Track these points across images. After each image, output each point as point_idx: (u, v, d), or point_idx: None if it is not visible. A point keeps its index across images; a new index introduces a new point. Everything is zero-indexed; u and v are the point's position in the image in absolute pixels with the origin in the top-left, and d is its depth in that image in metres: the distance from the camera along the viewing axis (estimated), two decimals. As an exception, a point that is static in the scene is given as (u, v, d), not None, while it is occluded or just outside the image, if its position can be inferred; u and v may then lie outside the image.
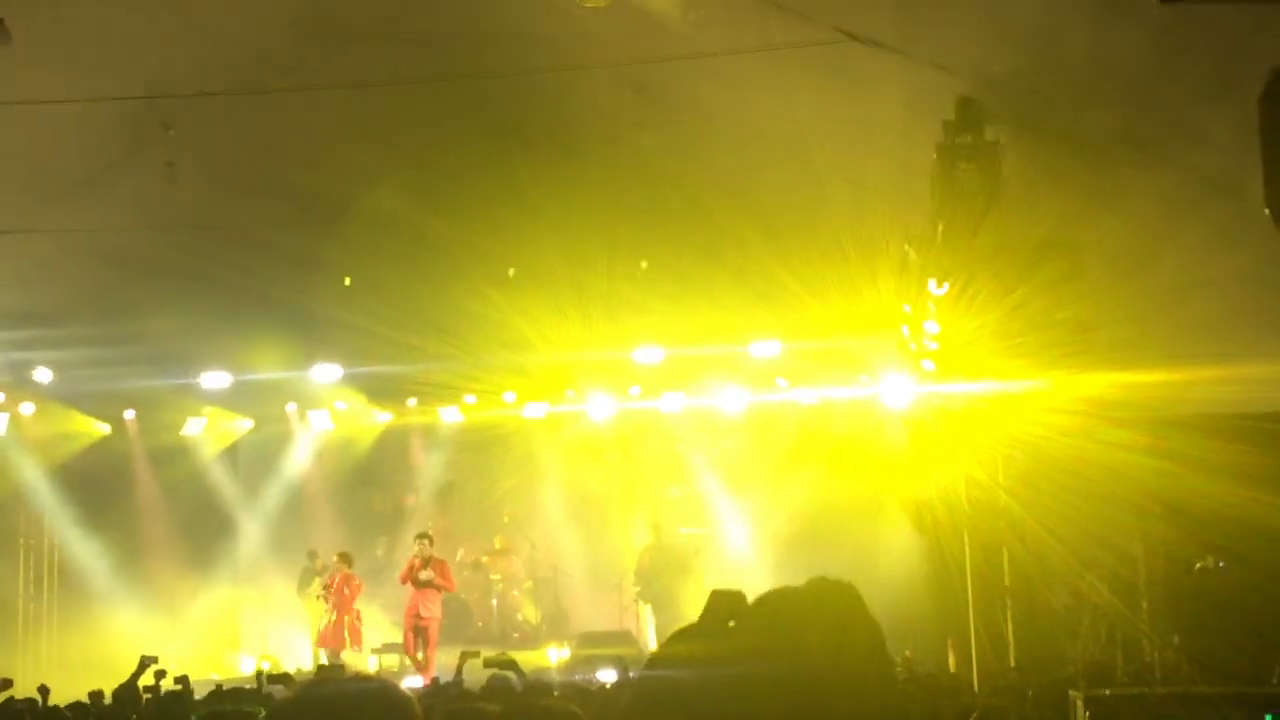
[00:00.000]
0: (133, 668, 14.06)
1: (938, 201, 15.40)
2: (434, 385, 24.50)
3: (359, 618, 22.96)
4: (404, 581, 21.63)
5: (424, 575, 21.33)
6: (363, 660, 22.74)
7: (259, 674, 15.63)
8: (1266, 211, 5.97)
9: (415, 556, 21.47)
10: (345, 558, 23.06)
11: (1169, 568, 11.81)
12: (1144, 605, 12.23)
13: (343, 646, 22.58)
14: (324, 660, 22.09)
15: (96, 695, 13.23)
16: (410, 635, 21.41)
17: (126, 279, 19.79)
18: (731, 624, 3.32)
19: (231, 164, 18.33)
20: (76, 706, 11.97)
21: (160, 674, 14.04)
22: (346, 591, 22.68)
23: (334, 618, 22.58)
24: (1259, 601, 10.82)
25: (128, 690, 13.62)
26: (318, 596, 23.44)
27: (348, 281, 21.03)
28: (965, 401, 15.63)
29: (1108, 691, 8.71)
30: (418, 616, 21.30)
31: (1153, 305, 13.66)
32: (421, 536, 21.79)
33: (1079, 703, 8.49)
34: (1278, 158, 5.92)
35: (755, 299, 20.03)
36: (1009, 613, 14.76)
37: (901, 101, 15.10)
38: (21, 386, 23.05)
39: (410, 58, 16.07)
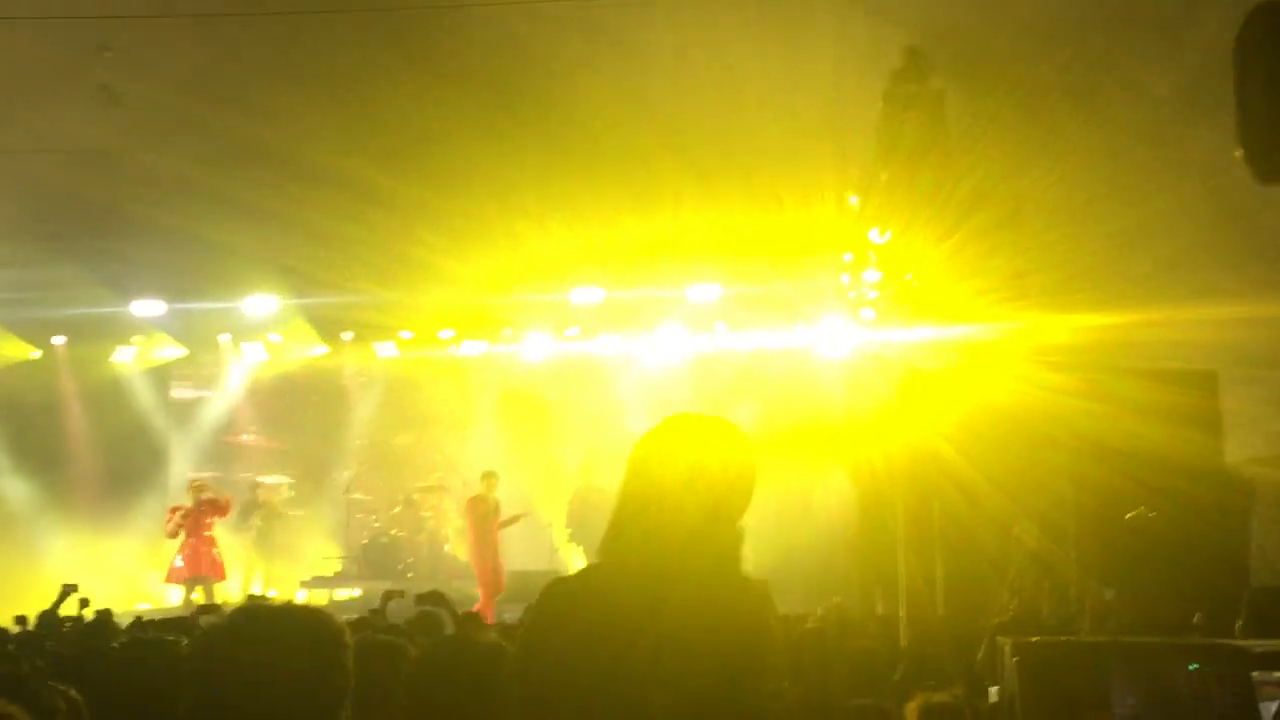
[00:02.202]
0: (54, 596, 13.97)
1: (883, 150, 15.41)
2: (369, 321, 24.39)
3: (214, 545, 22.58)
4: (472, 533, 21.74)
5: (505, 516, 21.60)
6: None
7: (187, 604, 15.58)
8: (1238, 153, 6.03)
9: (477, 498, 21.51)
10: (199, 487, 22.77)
11: (1100, 511, 11.90)
12: (1073, 552, 12.32)
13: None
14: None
15: (21, 620, 13.12)
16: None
17: (59, 203, 19.51)
18: None
19: (159, 97, 18.01)
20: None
21: (84, 602, 13.93)
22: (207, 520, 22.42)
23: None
24: (1187, 547, 10.93)
25: (49, 617, 13.51)
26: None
27: None
28: (903, 350, 15.70)
29: (1034, 639, 8.80)
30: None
31: (1089, 253, 13.77)
32: (489, 475, 21.83)
33: (1007, 649, 8.55)
34: (1251, 97, 5.99)
35: (694, 244, 20.01)
36: (939, 559, 14.85)
37: (848, 49, 15.08)
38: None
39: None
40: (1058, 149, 14.14)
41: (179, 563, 22.10)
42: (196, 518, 22.17)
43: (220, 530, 22.77)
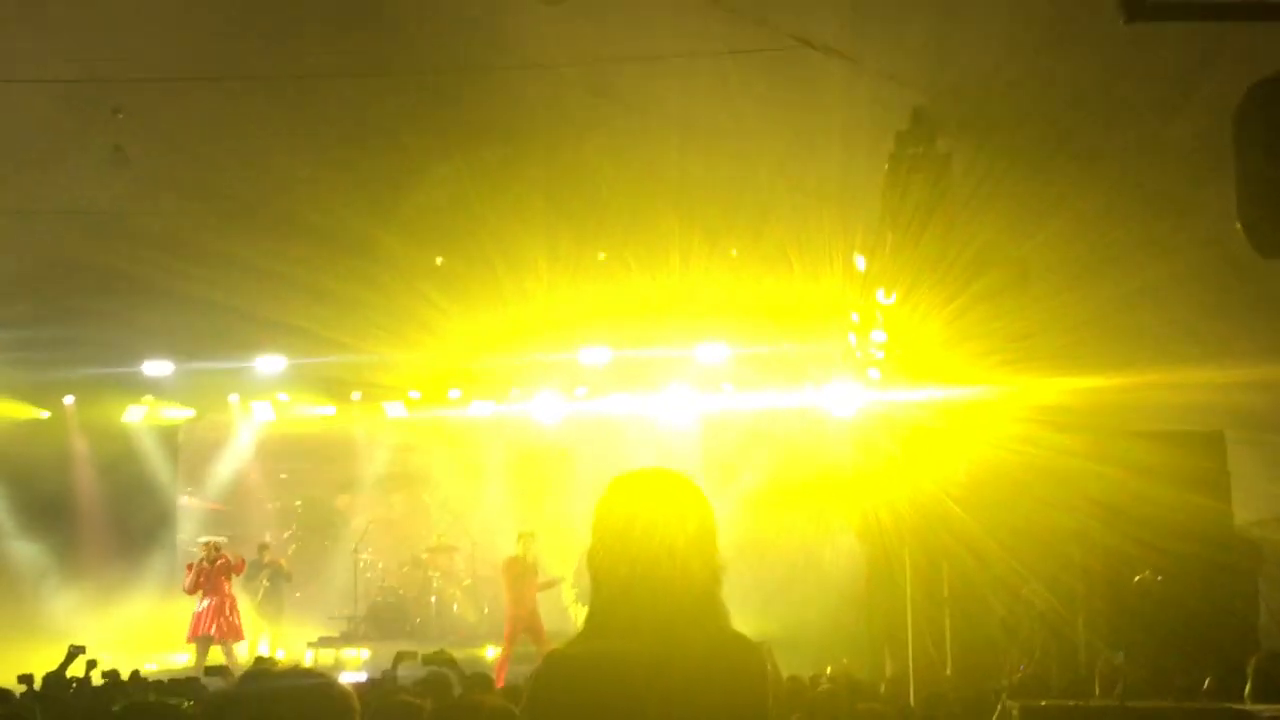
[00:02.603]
0: (61, 658, 13.96)
1: (888, 212, 15.44)
2: (378, 381, 24.43)
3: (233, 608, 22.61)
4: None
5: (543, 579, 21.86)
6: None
7: (200, 663, 15.54)
8: (1238, 225, 6.09)
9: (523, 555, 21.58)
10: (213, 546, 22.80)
11: (1108, 574, 11.89)
12: (1082, 615, 12.30)
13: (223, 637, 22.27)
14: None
15: (26, 679, 13.11)
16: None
17: (69, 264, 19.58)
18: None
19: (168, 160, 18.08)
20: (2, 693, 11.78)
21: (91, 664, 13.92)
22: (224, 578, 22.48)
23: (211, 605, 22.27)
24: (1195, 611, 10.91)
25: (56, 678, 13.50)
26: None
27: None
28: (910, 410, 15.69)
29: (1043, 702, 8.76)
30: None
31: (1096, 315, 13.77)
32: (527, 535, 21.85)
33: (1015, 712, 8.52)
34: (1251, 171, 6.06)
35: (702, 304, 20.06)
36: (948, 621, 14.80)
37: (855, 110, 15.12)
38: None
39: (355, 51, 15.92)
40: (1064, 211, 14.15)
41: (199, 622, 22.10)
42: (213, 577, 22.20)
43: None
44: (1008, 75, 13.73)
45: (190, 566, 22.53)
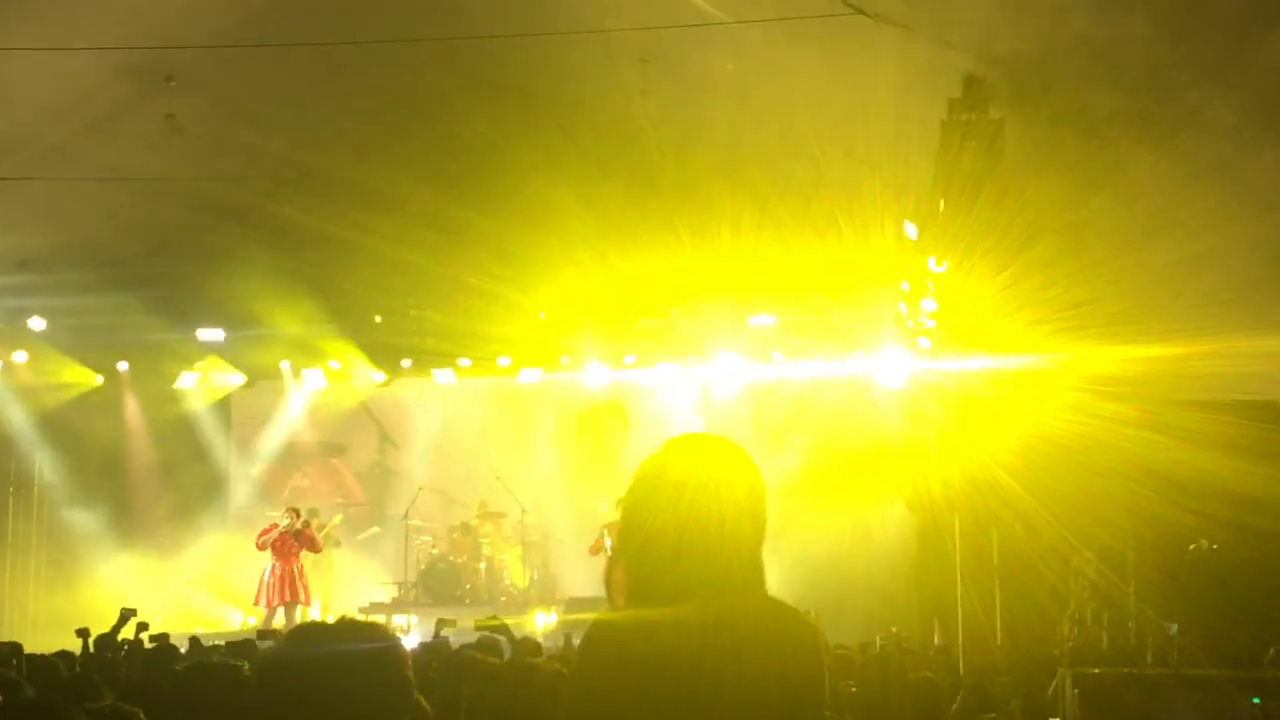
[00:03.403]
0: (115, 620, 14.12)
1: (940, 179, 15.37)
2: (428, 348, 24.49)
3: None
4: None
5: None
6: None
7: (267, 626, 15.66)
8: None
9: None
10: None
11: (1160, 543, 11.82)
12: (1133, 584, 12.25)
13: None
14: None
15: (82, 632, 13.26)
16: None
17: (123, 232, 19.73)
18: None
19: (223, 127, 18.16)
20: (62, 654, 11.93)
21: (142, 626, 14.05)
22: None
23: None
24: (1253, 580, 10.83)
25: (107, 640, 13.65)
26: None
27: None
28: (961, 379, 15.64)
29: (1096, 670, 8.71)
30: None
31: (1149, 282, 13.68)
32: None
33: (1067, 680, 8.49)
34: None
35: (752, 273, 20.01)
36: (997, 590, 14.78)
37: (907, 77, 15.04)
38: (16, 334, 23.03)
39: (409, 18, 15.94)
40: (1118, 178, 14.07)
41: (272, 588, 22.29)
42: (290, 544, 22.40)
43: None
44: (1061, 43, 13.64)
45: (274, 526, 22.65)
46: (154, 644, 13.24)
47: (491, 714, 4.92)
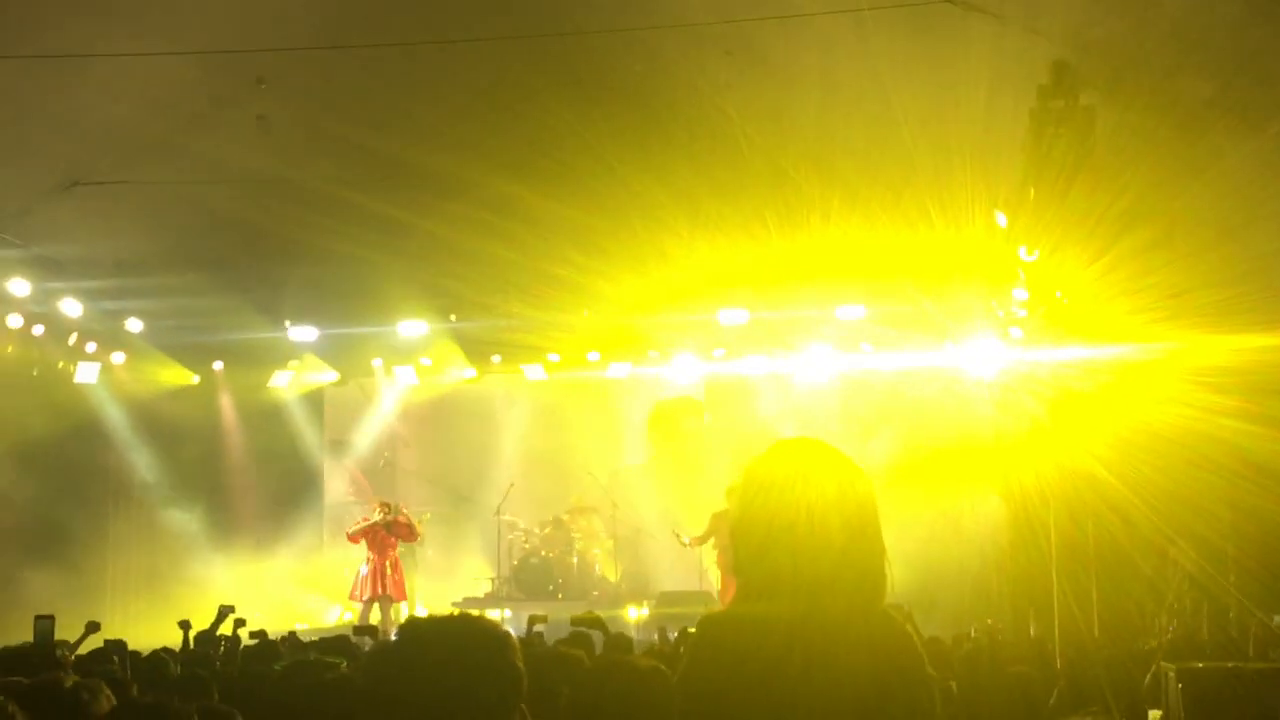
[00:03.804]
0: (213, 617, 14.31)
1: (1029, 167, 15.24)
2: (517, 343, 24.60)
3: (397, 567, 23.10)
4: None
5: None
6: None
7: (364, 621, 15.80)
8: None
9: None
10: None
11: (1261, 536, 11.65)
12: (1233, 577, 12.09)
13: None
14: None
15: (184, 624, 13.44)
16: None
17: (217, 231, 19.93)
18: None
19: (313, 123, 18.31)
20: (165, 651, 12.10)
21: (239, 623, 14.21)
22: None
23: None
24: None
25: (206, 637, 13.83)
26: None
27: None
28: (1054, 369, 15.51)
29: (1200, 664, 8.58)
30: None
31: (1248, 271, 13.48)
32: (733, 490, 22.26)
33: (1171, 674, 8.37)
34: None
35: (841, 263, 19.92)
36: (1093, 580, 14.64)
37: (994, 65, 14.92)
38: (114, 336, 23.38)
39: (495, 15, 16.00)
40: (1214, 165, 13.88)
41: (367, 582, 22.57)
42: (383, 537, 22.65)
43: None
44: (1153, 29, 13.48)
45: (365, 519, 22.97)
46: (254, 639, 13.43)
47: (590, 711, 4.94)
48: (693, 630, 4.08)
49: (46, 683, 6.10)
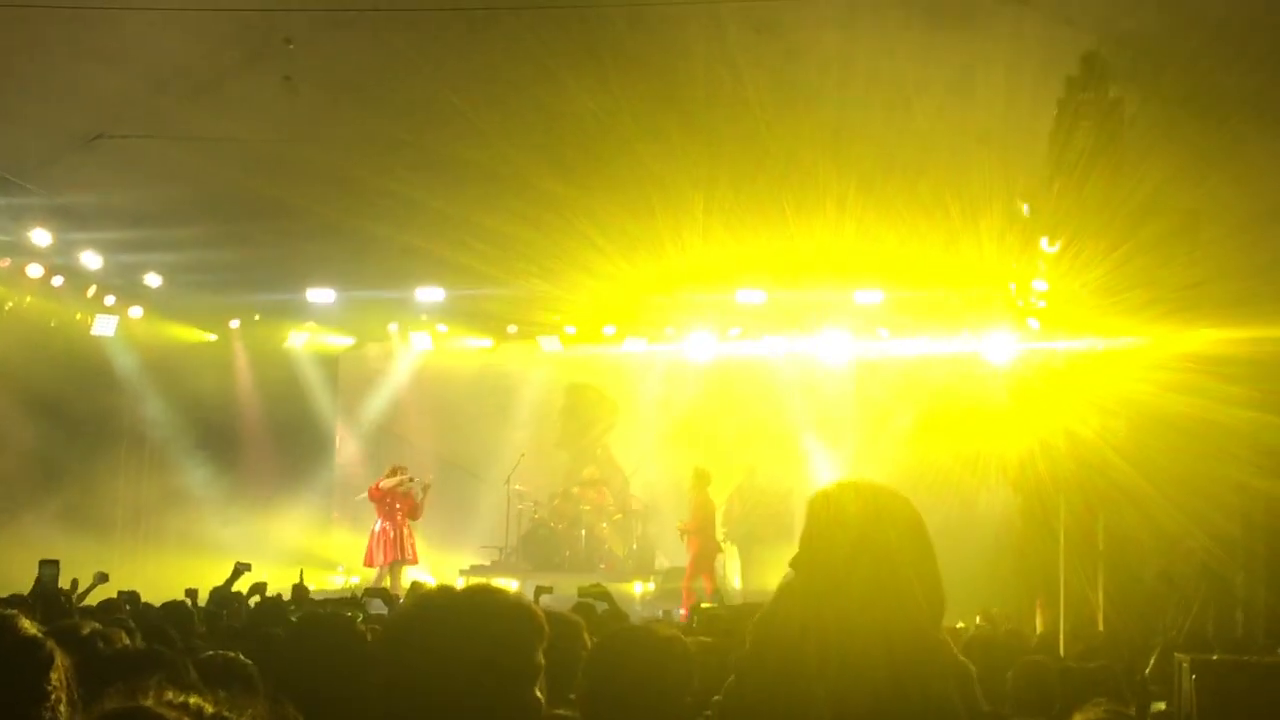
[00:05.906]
0: (224, 574, 14.33)
1: (1055, 158, 15.21)
2: (534, 316, 24.60)
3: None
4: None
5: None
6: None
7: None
8: None
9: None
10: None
11: (1271, 523, 11.67)
12: (1241, 564, 12.12)
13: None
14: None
15: (192, 593, 13.48)
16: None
17: (238, 191, 19.93)
18: None
19: (334, 97, 18.30)
20: (176, 605, 12.14)
21: (259, 587, 14.18)
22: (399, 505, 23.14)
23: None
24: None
25: (222, 594, 13.87)
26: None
27: None
28: (1069, 358, 15.50)
29: (1215, 657, 8.57)
30: None
31: (1266, 264, 13.48)
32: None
33: (1184, 665, 8.36)
34: None
35: (859, 248, 19.89)
36: (1102, 569, 14.66)
37: (1023, 54, 14.90)
38: (132, 290, 23.41)
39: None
40: (1236, 159, 13.87)
41: (378, 545, 22.74)
42: (392, 502, 22.84)
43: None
44: (1194, 24, 13.46)
45: (394, 473, 23.13)
46: (264, 598, 13.49)
47: (607, 679, 4.99)
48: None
49: (64, 629, 6.14)
